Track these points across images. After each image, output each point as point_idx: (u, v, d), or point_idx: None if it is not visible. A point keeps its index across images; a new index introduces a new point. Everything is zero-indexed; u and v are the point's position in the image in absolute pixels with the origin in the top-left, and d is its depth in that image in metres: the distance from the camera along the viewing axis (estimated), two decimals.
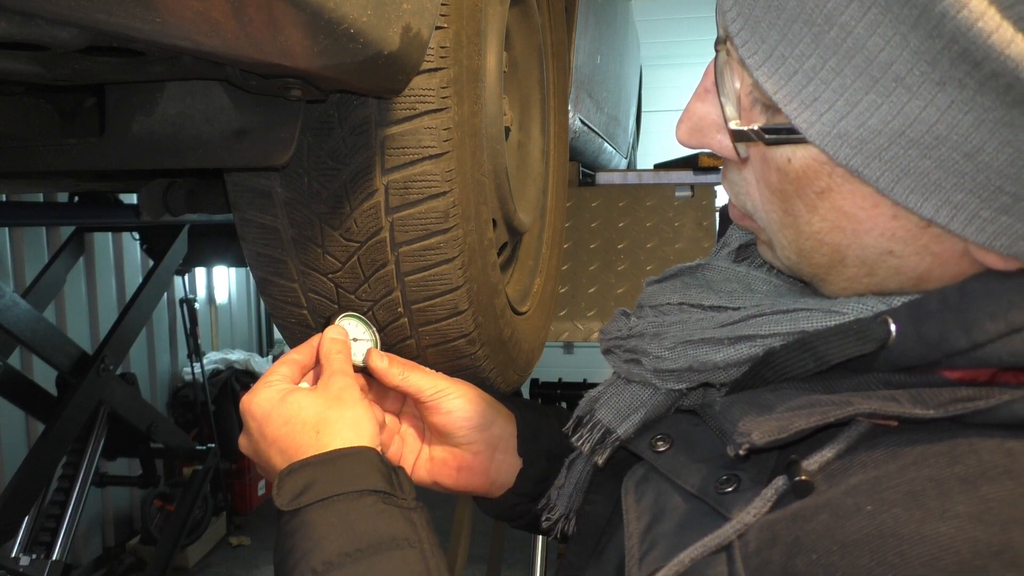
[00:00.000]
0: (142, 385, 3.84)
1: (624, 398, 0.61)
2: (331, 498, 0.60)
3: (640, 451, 0.56)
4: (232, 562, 4.44)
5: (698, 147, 0.53)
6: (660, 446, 0.55)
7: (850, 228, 0.47)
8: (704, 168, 2.29)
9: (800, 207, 0.48)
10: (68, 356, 2.50)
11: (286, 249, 0.94)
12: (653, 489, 0.53)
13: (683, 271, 0.65)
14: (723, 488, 0.48)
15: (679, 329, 0.57)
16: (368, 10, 0.59)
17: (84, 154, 0.83)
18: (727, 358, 0.53)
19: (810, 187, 0.46)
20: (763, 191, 0.50)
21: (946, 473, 0.40)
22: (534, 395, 3.47)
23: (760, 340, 0.52)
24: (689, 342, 0.55)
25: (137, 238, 3.14)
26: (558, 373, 3.61)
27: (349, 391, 0.70)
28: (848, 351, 0.47)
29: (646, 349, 0.58)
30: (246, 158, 0.79)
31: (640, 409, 0.59)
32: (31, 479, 2.26)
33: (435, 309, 0.96)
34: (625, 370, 0.61)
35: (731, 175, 0.54)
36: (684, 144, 0.54)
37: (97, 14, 0.46)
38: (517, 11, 1.34)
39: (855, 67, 0.40)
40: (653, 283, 0.66)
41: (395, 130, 0.84)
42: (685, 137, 0.53)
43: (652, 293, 0.64)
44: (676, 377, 0.57)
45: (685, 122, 0.52)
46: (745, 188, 0.53)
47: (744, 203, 0.54)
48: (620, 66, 3.52)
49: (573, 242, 2.13)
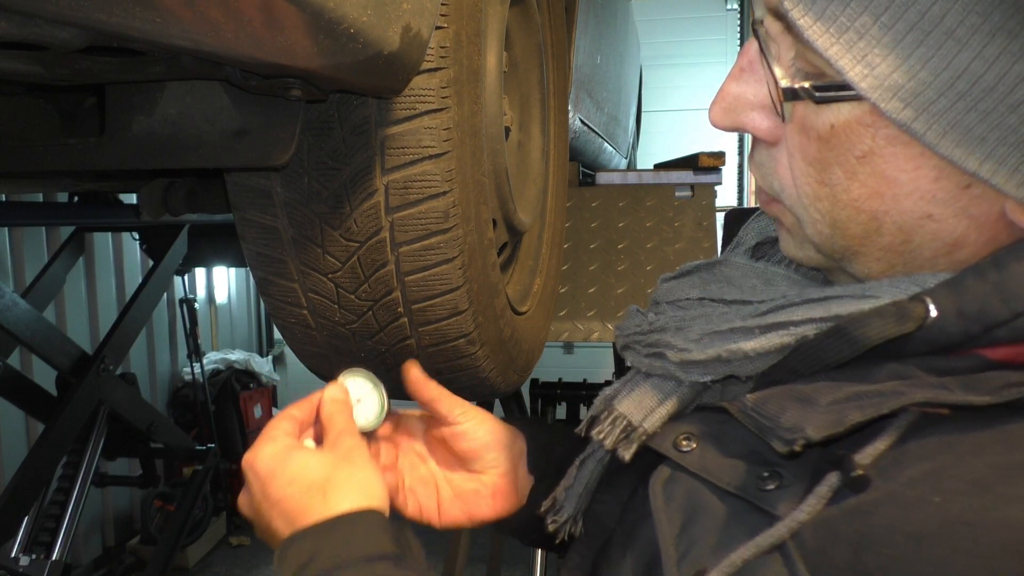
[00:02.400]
0: (142, 385, 3.84)
1: (646, 392, 0.60)
2: (339, 568, 0.56)
3: (664, 450, 0.54)
4: (232, 562, 4.43)
5: (732, 127, 0.52)
6: (685, 445, 0.53)
7: (890, 193, 0.47)
8: (704, 168, 2.29)
9: (839, 174, 0.48)
10: (68, 356, 2.50)
11: (286, 249, 0.94)
12: (682, 489, 0.52)
13: (700, 267, 0.64)
14: (765, 485, 0.47)
15: (703, 322, 0.57)
16: (368, 10, 0.59)
17: (84, 154, 0.83)
18: (758, 347, 0.52)
19: (852, 151, 0.47)
20: (797, 165, 0.50)
21: (1007, 460, 0.40)
22: (534, 395, 3.47)
23: (793, 328, 0.51)
24: (717, 332, 0.55)
25: (137, 238, 3.14)
26: (558, 373, 3.61)
27: (358, 451, 0.65)
28: (887, 332, 0.46)
29: (670, 342, 0.57)
30: (246, 158, 0.79)
31: (665, 402, 0.58)
32: (31, 479, 2.26)
33: (435, 309, 0.96)
34: (647, 364, 0.60)
35: (759, 156, 0.54)
36: (718, 125, 0.53)
37: (97, 14, 0.46)
38: (517, 11, 1.34)
39: (906, 22, 0.42)
40: (669, 280, 0.65)
41: (395, 130, 0.83)
42: (720, 117, 0.53)
43: (669, 289, 0.64)
44: (702, 369, 0.56)
45: (719, 103, 0.53)
46: (774, 167, 0.53)
47: (772, 183, 0.54)
48: (620, 66, 3.52)
49: (573, 242, 2.13)
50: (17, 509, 2.23)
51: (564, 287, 2.00)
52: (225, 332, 5.57)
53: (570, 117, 2.18)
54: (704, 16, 6.16)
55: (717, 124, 0.53)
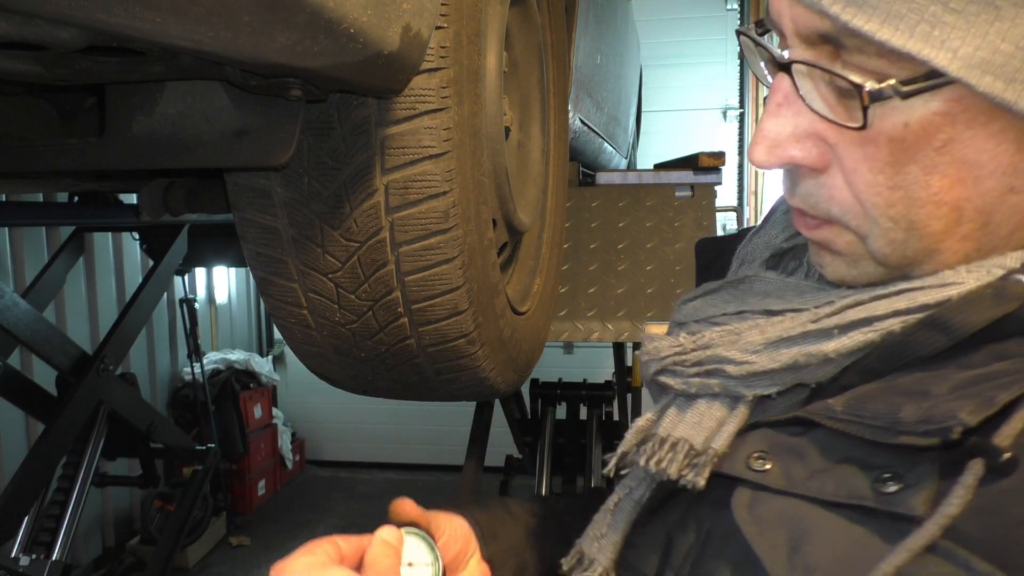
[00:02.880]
0: (142, 385, 3.84)
1: (701, 413, 0.56)
2: None
3: (737, 472, 0.51)
4: (232, 562, 4.43)
5: (779, 164, 0.52)
6: (761, 464, 0.50)
7: (971, 177, 0.47)
8: (704, 168, 2.29)
9: (915, 172, 0.48)
10: (68, 356, 2.50)
11: (286, 249, 0.94)
12: (772, 510, 0.48)
13: (726, 285, 0.62)
14: (886, 488, 0.44)
15: (758, 333, 0.54)
16: (368, 10, 0.59)
17: (84, 154, 0.83)
18: (840, 347, 0.50)
19: (930, 144, 0.47)
20: (861, 179, 0.49)
21: None
22: (534, 395, 3.47)
23: (877, 323, 0.50)
24: (785, 339, 0.53)
25: (137, 238, 3.14)
26: (558, 373, 3.61)
27: None
28: (988, 315, 0.46)
29: (725, 356, 0.55)
30: (246, 158, 0.79)
31: (728, 421, 0.55)
32: (31, 479, 2.26)
33: (435, 309, 0.96)
34: (698, 384, 0.56)
35: (805, 188, 0.53)
36: (764, 164, 0.52)
37: (97, 14, 0.46)
38: (517, 11, 1.34)
39: (975, 3, 0.43)
40: (692, 300, 0.63)
41: (395, 130, 0.83)
42: (765, 156, 0.51)
43: (697, 308, 0.61)
44: (770, 379, 0.53)
45: (761, 143, 0.51)
46: (828, 193, 0.51)
47: (828, 210, 0.52)
48: (620, 66, 3.52)
49: (573, 242, 2.13)
50: (17, 509, 2.23)
51: (564, 287, 2.00)
52: (225, 332, 5.57)
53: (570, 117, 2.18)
54: (704, 16, 6.16)
55: (763, 164, 0.51)
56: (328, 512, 5.20)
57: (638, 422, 0.60)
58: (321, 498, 5.46)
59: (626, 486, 0.60)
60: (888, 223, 0.50)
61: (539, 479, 3.07)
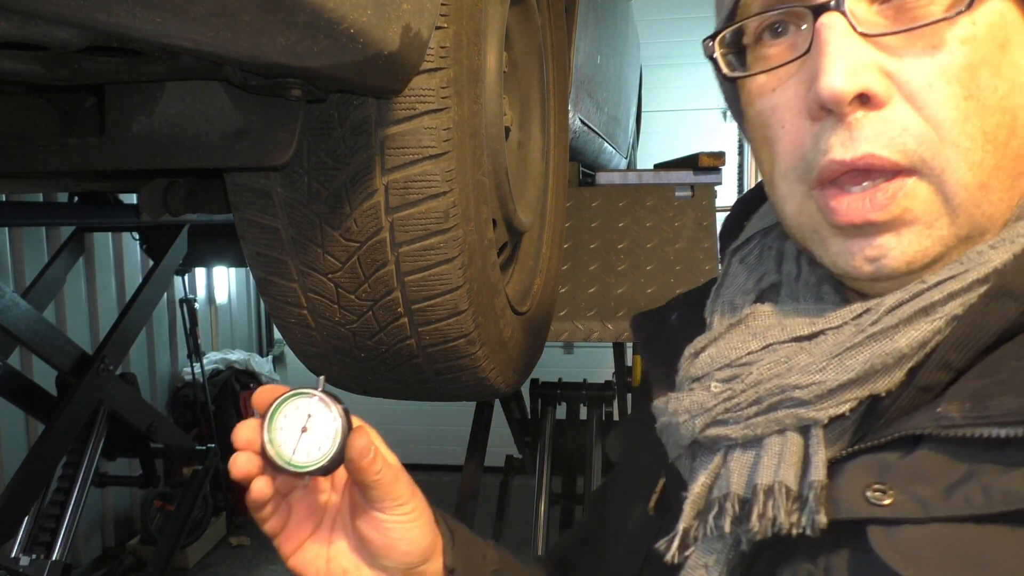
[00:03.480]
0: (142, 385, 3.84)
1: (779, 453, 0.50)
2: None
3: (861, 513, 0.45)
4: (232, 562, 4.43)
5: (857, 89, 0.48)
6: (879, 497, 0.45)
7: (1020, 81, 0.48)
8: (704, 168, 2.29)
9: (985, 75, 0.48)
10: (68, 356, 2.50)
11: (286, 249, 0.94)
12: (924, 544, 0.43)
13: (730, 328, 0.58)
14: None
15: (806, 357, 0.51)
16: (368, 10, 0.59)
17: (84, 154, 0.83)
18: (912, 340, 0.48)
19: (994, 42, 0.48)
20: (936, 96, 0.48)
21: None
22: (534, 395, 3.47)
23: (939, 308, 0.48)
24: (849, 348, 0.49)
25: (137, 238, 3.14)
26: (558, 373, 3.60)
27: None
28: None
29: (788, 383, 0.50)
30: (246, 158, 0.79)
31: (815, 450, 0.49)
32: (31, 479, 2.26)
33: (435, 309, 0.96)
34: (763, 423, 0.51)
35: (872, 127, 0.49)
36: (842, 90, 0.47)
37: (97, 14, 0.46)
38: (517, 11, 1.34)
39: None
40: (699, 352, 0.58)
41: (395, 130, 0.84)
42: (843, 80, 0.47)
43: (715, 356, 0.56)
44: (839, 396, 0.49)
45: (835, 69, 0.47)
46: (899, 124, 0.48)
47: (903, 143, 0.48)
48: (620, 66, 3.52)
49: (573, 242, 2.13)
50: (17, 509, 2.23)
51: (564, 287, 2.00)
52: (225, 332, 5.57)
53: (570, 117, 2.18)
54: (704, 16, 6.16)
55: (843, 88, 0.47)
56: None
57: (692, 493, 0.53)
58: None
59: (699, 565, 0.53)
60: (966, 141, 0.48)
61: (539, 479, 3.07)
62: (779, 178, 0.54)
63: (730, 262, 0.64)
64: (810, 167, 0.51)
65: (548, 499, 3.04)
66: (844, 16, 0.48)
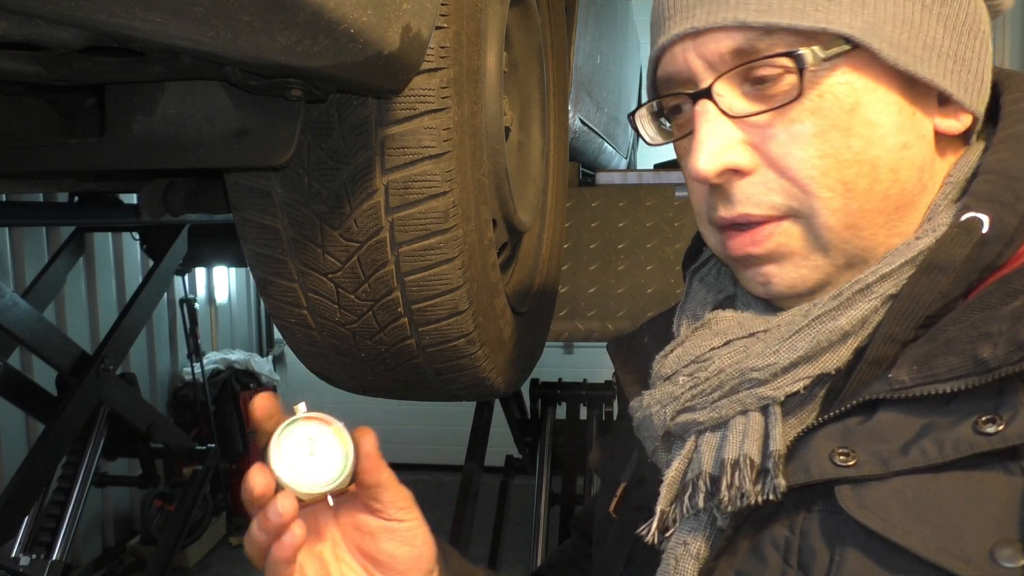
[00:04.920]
0: (142, 385, 3.84)
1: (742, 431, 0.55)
2: None
3: (829, 475, 0.50)
4: (232, 562, 4.43)
5: (722, 168, 0.56)
6: (845, 460, 0.50)
7: (877, 136, 0.55)
8: None
9: (836, 137, 0.55)
10: (68, 356, 2.50)
11: (286, 249, 0.94)
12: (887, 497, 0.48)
13: (692, 332, 0.63)
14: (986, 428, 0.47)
15: (761, 345, 0.57)
16: (368, 10, 0.59)
17: (84, 154, 0.83)
18: (851, 318, 0.54)
19: (842, 107, 0.54)
20: (794, 159, 0.55)
21: None
22: (534, 395, 3.47)
23: (875, 288, 0.55)
24: (796, 332, 0.56)
25: (137, 238, 3.14)
26: (558, 373, 3.61)
27: None
28: (967, 245, 0.52)
29: (747, 367, 0.56)
30: (246, 158, 0.79)
31: (773, 424, 0.55)
32: (31, 479, 2.26)
33: (435, 309, 0.96)
34: (727, 405, 0.57)
35: (743, 191, 0.57)
36: (706, 171, 0.56)
37: (97, 14, 0.46)
38: (517, 11, 1.34)
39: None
40: (667, 355, 0.64)
41: (395, 130, 0.84)
42: (708, 162, 0.56)
43: (681, 355, 0.62)
44: (793, 375, 0.55)
45: (702, 153, 0.56)
46: (765, 186, 0.57)
47: (771, 200, 0.57)
48: (620, 66, 3.52)
49: (573, 242, 2.13)
50: (17, 509, 2.23)
51: (564, 287, 2.00)
52: (225, 332, 5.56)
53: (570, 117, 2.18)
54: None
55: (707, 170, 0.56)
56: None
57: (668, 476, 0.58)
58: None
59: (678, 544, 0.57)
60: (827, 192, 0.55)
61: (539, 479, 3.07)
62: (698, 220, 0.64)
63: (691, 281, 0.72)
64: (710, 217, 0.61)
65: (548, 499, 3.04)
66: (713, 102, 0.57)
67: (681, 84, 0.60)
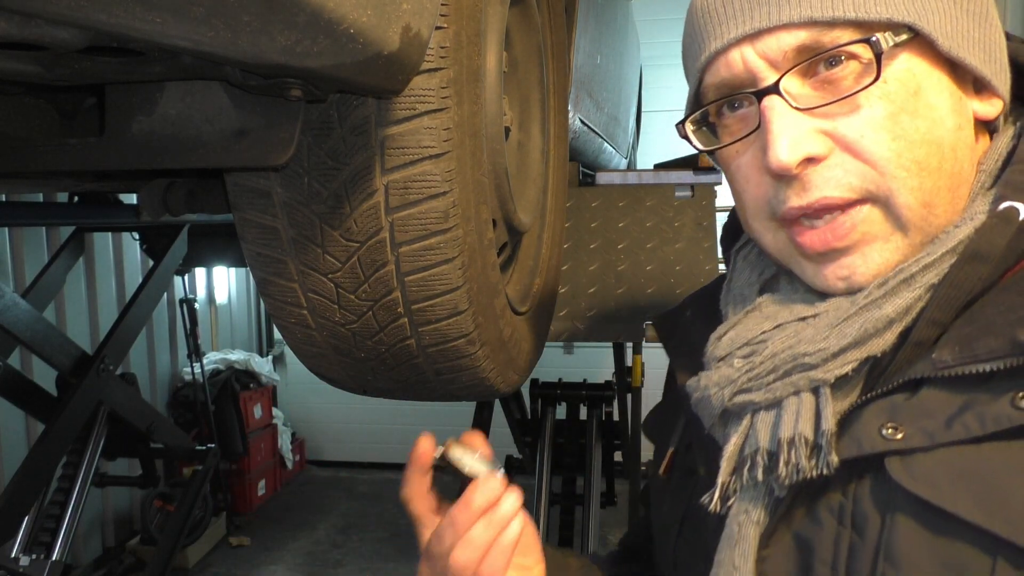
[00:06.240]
0: (142, 385, 3.85)
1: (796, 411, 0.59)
2: None
3: (879, 448, 0.54)
4: (232, 562, 4.44)
5: (803, 157, 0.58)
6: (893, 433, 0.54)
7: (937, 117, 0.58)
8: (704, 168, 2.29)
9: (905, 120, 0.57)
10: (68, 356, 2.50)
11: (286, 249, 0.94)
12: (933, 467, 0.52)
13: (744, 316, 0.67)
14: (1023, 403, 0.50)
15: (811, 331, 0.60)
16: (368, 10, 0.59)
17: (84, 154, 0.83)
18: (896, 307, 0.57)
19: (908, 90, 0.57)
20: (868, 143, 0.57)
21: None
22: (534, 395, 3.47)
23: (918, 278, 0.57)
24: (845, 319, 0.59)
25: (137, 238, 3.14)
26: (558, 373, 3.61)
27: None
28: (1006, 234, 0.55)
29: (800, 351, 0.59)
30: (246, 158, 0.79)
31: (825, 405, 0.58)
32: (31, 479, 2.26)
33: (435, 309, 0.96)
34: (781, 387, 0.60)
35: (821, 177, 0.59)
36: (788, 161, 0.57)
37: (97, 14, 0.46)
38: (517, 11, 1.34)
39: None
40: (721, 336, 0.67)
41: (395, 130, 0.84)
42: (787, 152, 0.57)
43: (734, 338, 0.65)
44: (842, 360, 0.58)
45: (780, 142, 0.58)
46: (842, 169, 0.58)
47: (850, 183, 0.58)
48: (620, 66, 3.52)
49: (573, 242, 2.13)
50: (17, 509, 2.23)
51: (564, 287, 2.00)
52: (225, 332, 5.57)
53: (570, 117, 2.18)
54: None
55: (788, 160, 0.57)
56: (328, 512, 5.20)
57: (727, 451, 0.62)
58: (321, 498, 5.46)
59: (740, 511, 0.62)
60: (903, 172, 0.57)
61: (539, 479, 3.07)
62: (751, 219, 0.65)
63: (735, 261, 0.74)
64: (774, 211, 0.62)
65: (548, 499, 3.04)
66: (782, 97, 0.58)
67: (739, 87, 0.62)
